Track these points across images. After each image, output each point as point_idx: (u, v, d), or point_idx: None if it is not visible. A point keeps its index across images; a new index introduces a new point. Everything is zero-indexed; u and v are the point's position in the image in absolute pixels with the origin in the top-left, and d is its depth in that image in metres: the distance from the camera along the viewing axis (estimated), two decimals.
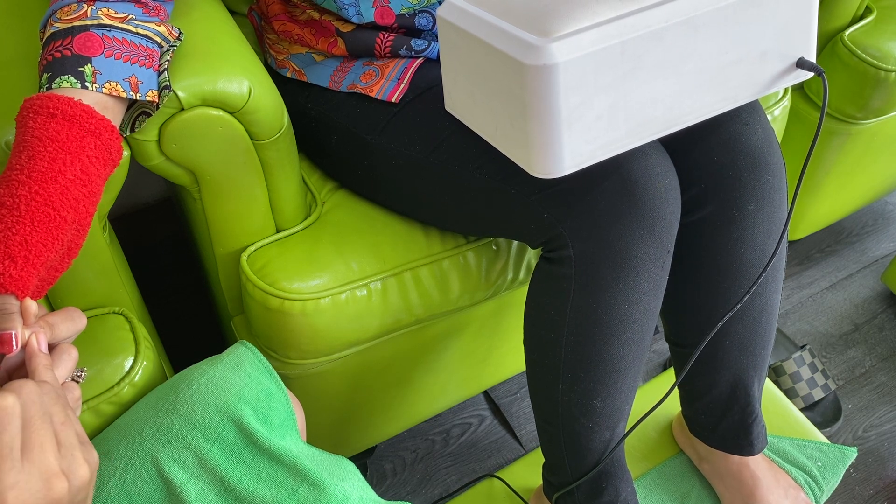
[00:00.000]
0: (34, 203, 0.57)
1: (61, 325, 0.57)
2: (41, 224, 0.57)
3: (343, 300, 0.89)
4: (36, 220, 0.57)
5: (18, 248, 0.56)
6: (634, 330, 0.82)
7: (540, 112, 0.64)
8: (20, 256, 0.56)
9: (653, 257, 0.79)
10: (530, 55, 0.62)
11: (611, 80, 0.64)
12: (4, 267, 0.55)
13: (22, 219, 0.57)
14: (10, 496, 0.44)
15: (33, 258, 0.56)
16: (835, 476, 1.08)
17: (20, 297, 0.55)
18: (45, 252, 0.57)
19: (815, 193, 1.45)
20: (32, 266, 0.56)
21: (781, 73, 0.73)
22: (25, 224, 0.57)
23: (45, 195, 0.58)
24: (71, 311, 0.59)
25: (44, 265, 0.58)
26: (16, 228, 0.56)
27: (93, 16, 0.67)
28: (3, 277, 0.55)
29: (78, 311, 0.59)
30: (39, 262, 0.57)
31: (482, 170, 0.81)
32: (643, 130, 0.69)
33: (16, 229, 0.56)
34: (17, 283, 0.55)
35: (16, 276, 0.55)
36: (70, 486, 0.46)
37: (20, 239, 0.56)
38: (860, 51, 1.23)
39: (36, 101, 0.61)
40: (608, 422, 0.87)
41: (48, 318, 0.57)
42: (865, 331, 1.55)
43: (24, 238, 0.56)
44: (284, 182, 0.88)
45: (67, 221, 0.59)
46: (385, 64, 0.91)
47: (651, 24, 0.64)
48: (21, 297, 0.55)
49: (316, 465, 0.66)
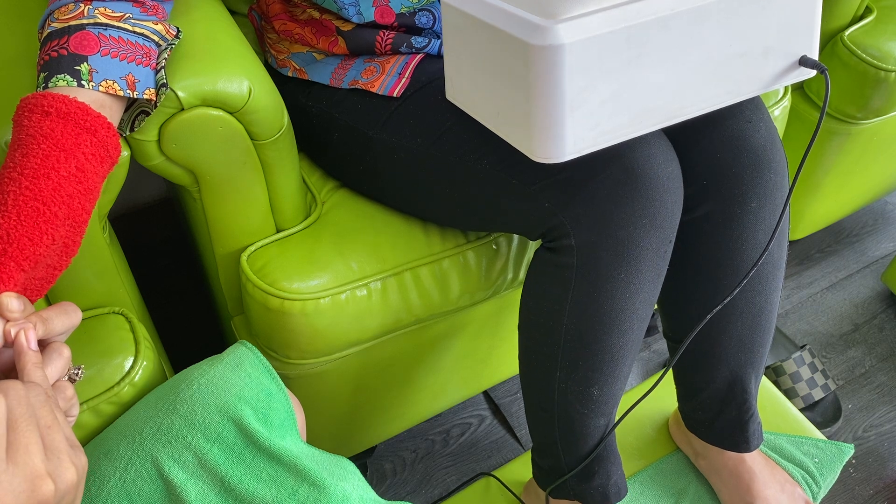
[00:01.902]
0: (22, 198, 0.57)
1: (55, 320, 0.56)
2: (28, 218, 0.57)
3: (343, 300, 0.89)
4: (22, 215, 0.57)
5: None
6: (634, 319, 0.82)
7: (544, 94, 0.64)
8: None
9: (655, 246, 0.78)
10: (536, 36, 0.62)
11: (616, 65, 0.64)
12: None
13: (8, 213, 0.57)
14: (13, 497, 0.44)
15: (13, 251, 0.56)
16: (832, 472, 1.08)
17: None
18: (32, 246, 0.57)
19: (815, 193, 1.45)
20: (12, 259, 0.56)
21: (784, 70, 0.73)
22: (11, 218, 0.56)
23: (34, 190, 0.58)
24: (65, 305, 0.58)
25: (31, 260, 0.57)
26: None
27: (90, 15, 0.67)
28: None
29: (72, 305, 0.58)
30: (23, 257, 0.56)
31: (483, 159, 0.81)
32: (646, 119, 0.69)
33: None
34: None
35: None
36: (56, 489, 0.46)
37: (2, 233, 0.56)
38: (860, 51, 1.24)
39: (31, 99, 0.61)
40: (604, 408, 0.87)
41: (42, 312, 0.56)
42: (865, 331, 1.55)
43: (6, 231, 0.56)
44: (284, 182, 0.88)
45: (59, 217, 0.59)
46: (386, 60, 0.92)
47: (658, 11, 0.64)
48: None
49: (316, 465, 0.66)
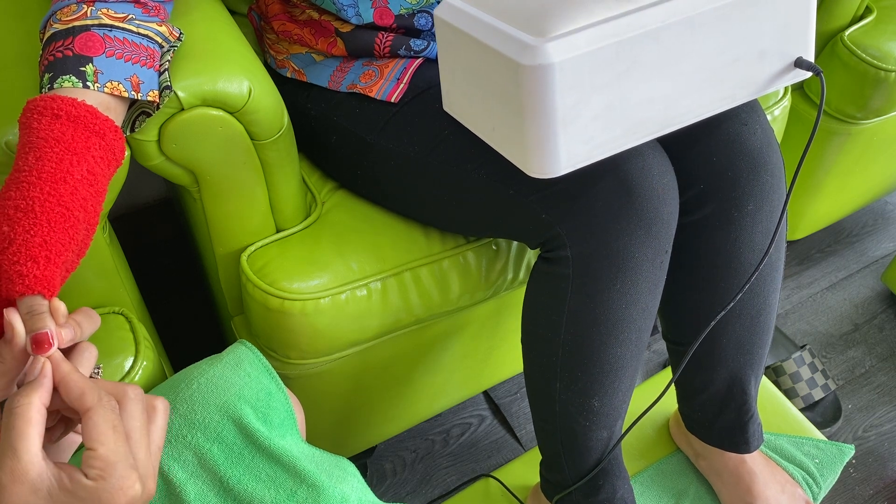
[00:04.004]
0: (48, 204, 0.57)
1: (84, 324, 0.57)
2: (57, 224, 0.57)
3: (343, 300, 0.89)
4: (52, 221, 0.57)
5: (39, 248, 0.56)
6: (632, 330, 0.82)
7: (536, 112, 0.64)
8: (42, 257, 0.56)
9: (650, 257, 0.79)
10: (526, 55, 0.62)
11: (607, 79, 0.64)
12: (28, 269, 0.55)
13: (38, 220, 0.57)
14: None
15: (54, 258, 0.56)
16: (832, 473, 1.08)
17: (48, 297, 0.55)
18: (64, 251, 0.58)
19: (815, 193, 1.45)
20: (55, 266, 0.56)
21: (780, 73, 0.73)
22: (42, 225, 0.57)
23: (57, 196, 0.58)
24: (87, 310, 0.59)
25: (63, 265, 0.58)
26: (34, 230, 0.56)
27: (93, 16, 0.67)
28: (28, 279, 0.54)
29: (93, 311, 0.59)
30: (60, 262, 0.57)
31: (480, 170, 0.81)
32: (640, 130, 0.69)
33: (34, 231, 0.56)
34: (43, 284, 0.55)
35: (40, 276, 0.55)
36: (144, 490, 0.49)
37: (39, 240, 0.56)
38: (860, 51, 1.23)
39: (39, 101, 0.61)
40: (605, 421, 0.87)
41: (75, 317, 0.57)
42: (865, 331, 1.55)
43: (43, 239, 0.56)
44: (284, 182, 0.88)
45: (80, 221, 0.59)
46: (384, 64, 0.92)
47: (648, 23, 0.64)
48: (49, 297, 0.55)
49: (315, 467, 0.66)
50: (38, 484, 0.45)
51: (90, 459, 0.47)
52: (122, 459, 0.47)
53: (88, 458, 0.47)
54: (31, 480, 0.45)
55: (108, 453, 0.47)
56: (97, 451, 0.47)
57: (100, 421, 0.48)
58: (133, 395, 0.51)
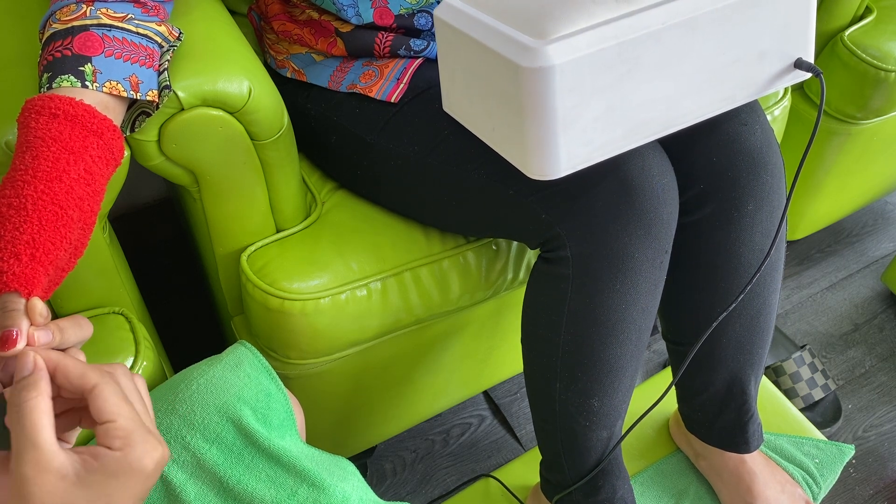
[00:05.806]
0: (41, 202, 0.57)
1: (69, 330, 0.56)
2: (48, 223, 0.57)
3: (343, 300, 0.89)
4: (43, 219, 0.57)
5: (25, 246, 0.55)
6: (632, 330, 0.82)
7: (536, 114, 0.64)
8: (25, 254, 0.55)
9: (650, 258, 0.79)
10: (526, 57, 0.62)
11: (607, 81, 0.64)
12: (9, 265, 0.54)
13: (29, 218, 0.56)
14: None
15: (40, 256, 0.56)
16: (832, 473, 1.08)
17: (25, 295, 0.54)
18: (54, 250, 0.57)
19: (815, 193, 1.45)
20: (39, 264, 0.56)
21: (780, 74, 0.73)
22: (33, 223, 0.56)
23: (51, 194, 0.58)
24: (78, 318, 0.58)
25: (52, 264, 0.57)
26: (23, 228, 0.56)
27: (92, 16, 0.67)
28: (6, 275, 0.54)
29: (85, 320, 0.58)
30: (48, 261, 0.57)
31: (480, 170, 0.81)
32: (641, 131, 0.69)
33: (23, 228, 0.56)
34: (21, 281, 0.54)
35: (19, 273, 0.55)
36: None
37: (27, 238, 0.56)
38: (860, 51, 1.23)
39: (38, 101, 0.61)
40: (605, 421, 0.87)
41: (58, 322, 0.56)
42: (865, 331, 1.55)
43: (31, 237, 0.56)
44: (284, 182, 0.88)
45: (74, 220, 0.59)
46: (384, 64, 0.92)
47: (648, 25, 0.64)
48: (26, 296, 0.54)
49: (316, 466, 0.66)
50: (64, 470, 0.45)
51: (110, 431, 0.46)
52: (139, 426, 0.47)
53: (108, 431, 0.46)
54: (56, 468, 0.45)
55: (127, 422, 0.47)
56: (116, 423, 0.47)
57: (109, 394, 0.47)
58: (122, 371, 0.51)
